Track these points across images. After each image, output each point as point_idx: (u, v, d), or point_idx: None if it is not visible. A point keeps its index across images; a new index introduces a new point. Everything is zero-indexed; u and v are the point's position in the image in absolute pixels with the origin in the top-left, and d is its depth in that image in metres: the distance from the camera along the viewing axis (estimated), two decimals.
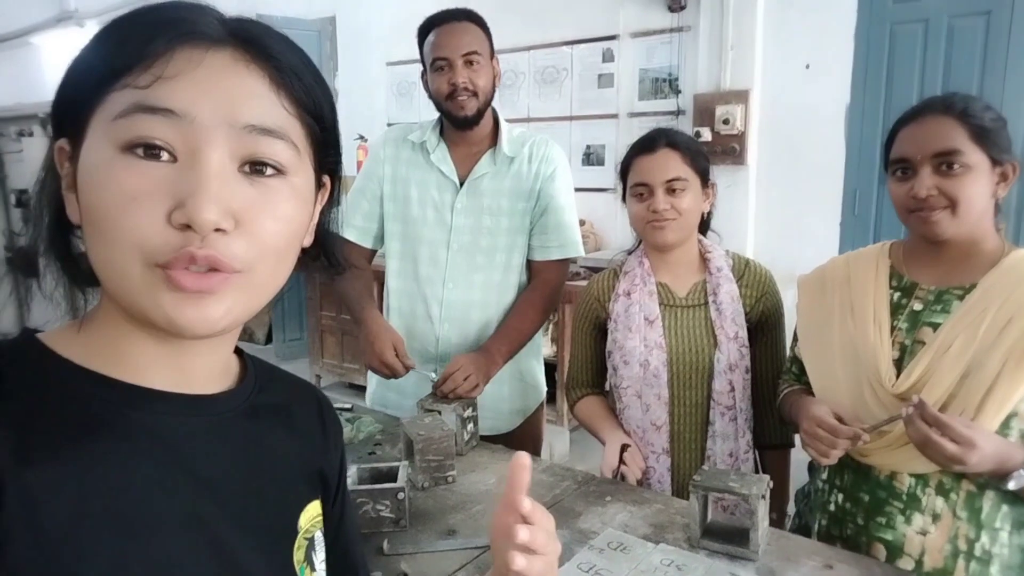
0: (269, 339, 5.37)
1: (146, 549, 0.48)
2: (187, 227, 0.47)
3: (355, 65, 4.99)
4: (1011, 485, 1.03)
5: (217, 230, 0.47)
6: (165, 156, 0.48)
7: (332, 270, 0.65)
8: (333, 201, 0.62)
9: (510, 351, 1.69)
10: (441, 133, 1.74)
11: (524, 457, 0.61)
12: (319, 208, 0.60)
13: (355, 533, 0.74)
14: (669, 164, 1.44)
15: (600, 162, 3.98)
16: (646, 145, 1.47)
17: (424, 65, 1.69)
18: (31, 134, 6.77)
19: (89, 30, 6.81)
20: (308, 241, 0.59)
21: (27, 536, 0.44)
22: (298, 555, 0.59)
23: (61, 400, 0.49)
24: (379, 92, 4.88)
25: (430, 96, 1.70)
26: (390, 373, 1.63)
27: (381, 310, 1.81)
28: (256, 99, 0.50)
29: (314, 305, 4.58)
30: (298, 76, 0.53)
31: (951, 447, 0.99)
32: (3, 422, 0.46)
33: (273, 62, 0.51)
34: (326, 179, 0.60)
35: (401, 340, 1.65)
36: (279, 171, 0.52)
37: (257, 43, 0.51)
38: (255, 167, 0.50)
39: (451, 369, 1.59)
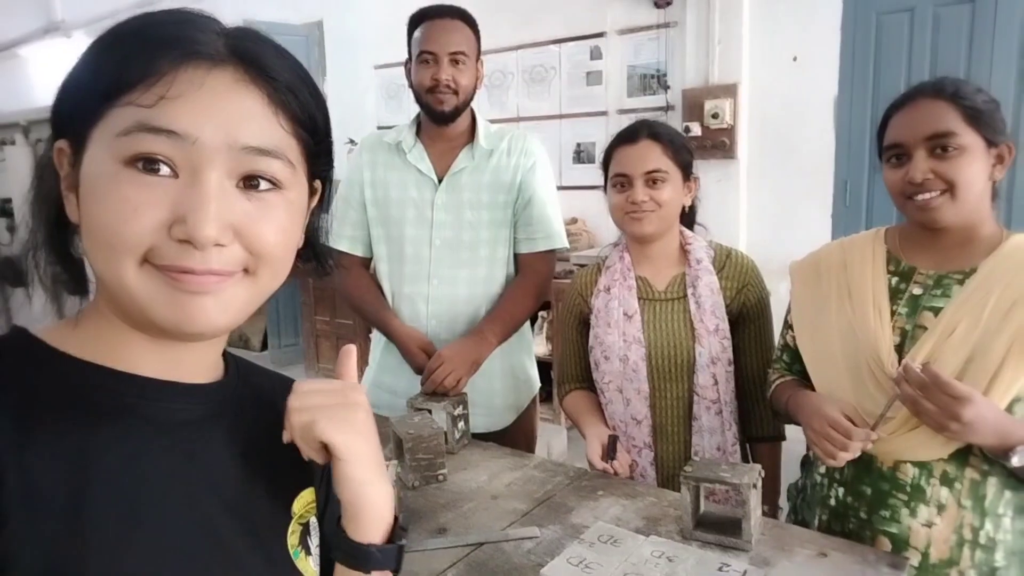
0: (264, 345, 5.35)
1: (147, 529, 0.50)
2: (186, 242, 0.49)
3: (344, 69, 4.99)
4: (1015, 461, 1.01)
5: (216, 245, 0.50)
6: (166, 171, 0.50)
7: (321, 271, 0.67)
8: (324, 204, 0.65)
9: (503, 333, 1.69)
10: (418, 132, 1.74)
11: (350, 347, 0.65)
12: (310, 211, 0.62)
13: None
14: (649, 155, 1.43)
15: (591, 160, 3.97)
16: (628, 136, 1.47)
17: (410, 54, 1.70)
18: (13, 143, 6.75)
19: (76, 40, 6.80)
20: (299, 243, 0.61)
21: (26, 515, 0.45)
22: (292, 539, 0.61)
23: (58, 388, 0.51)
24: (368, 95, 4.88)
25: (411, 86, 1.70)
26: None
27: None
28: (255, 120, 0.52)
29: (309, 310, 4.57)
30: (295, 94, 0.54)
31: (945, 399, 0.98)
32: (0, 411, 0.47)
33: (272, 82, 0.53)
34: (317, 183, 0.62)
35: (427, 341, 1.67)
36: (275, 185, 0.54)
37: (257, 62, 0.53)
38: (251, 182, 0.53)
39: (432, 365, 1.58)
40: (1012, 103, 2.87)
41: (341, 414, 0.57)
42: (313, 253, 0.65)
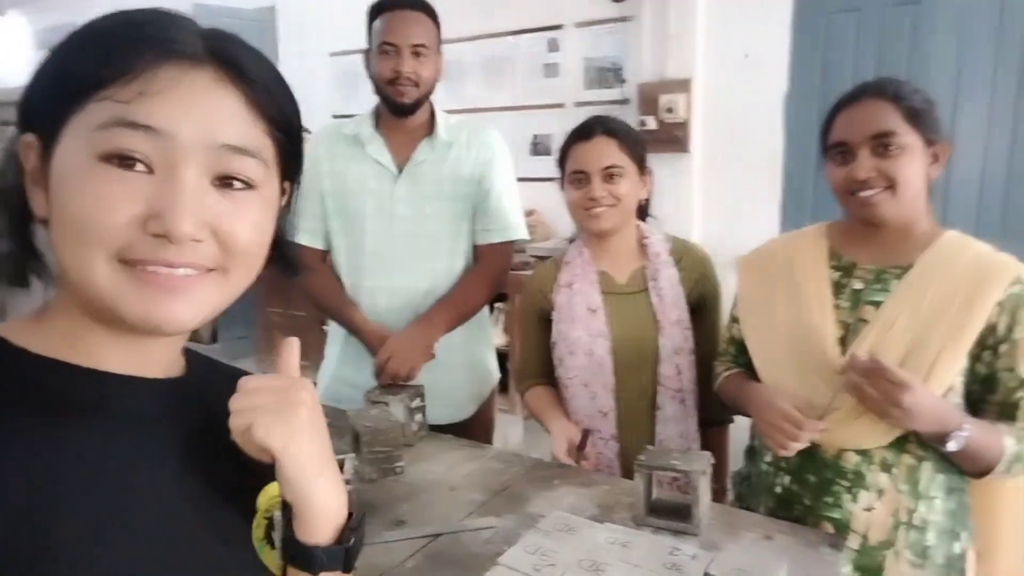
0: (215, 337, 5.23)
1: (113, 524, 0.50)
2: (161, 236, 0.49)
3: (297, 56, 4.87)
4: (951, 446, 1.07)
5: (192, 240, 0.51)
6: (141, 167, 0.50)
7: (288, 271, 0.68)
8: (290, 205, 0.66)
9: (451, 319, 1.69)
10: (376, 124, 1.73)
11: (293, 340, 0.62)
12: (278, 211, 0.63)
13: None
14: (605, 151, 1.45)
15: (547, 152, 3.99)
16: (583, 133, 1.48)
17: (370, 44, 1.68)
18: None
19: (11, 19, 6.49)
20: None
21: None
22: (257, 533, 0.61)
23: (19, 385, 0.51)
24: (322, 84, 4.79)
25: (370, 76, 1.69)
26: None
27: None
28: (232, 119, 0.53)
29: (261, 302, 4.48)
30: (271, 95, 0.56)
31: (887, 385, 1.04)
32: None
33: (250, 83, 0.54)
34: (286, 185, 0.63)
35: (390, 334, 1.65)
36: (249, 185, 0.55)
37: (235, 63, 0.53)
38: (226, 180, 0.53)
39: (382, 359, 1.57)
40: (950, 103, 2.99)
41: (281, 416, 0.55)
42: (281, 253, 0.65)
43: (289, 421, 0.55)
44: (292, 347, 0.62)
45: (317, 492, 0.56)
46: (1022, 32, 2.88)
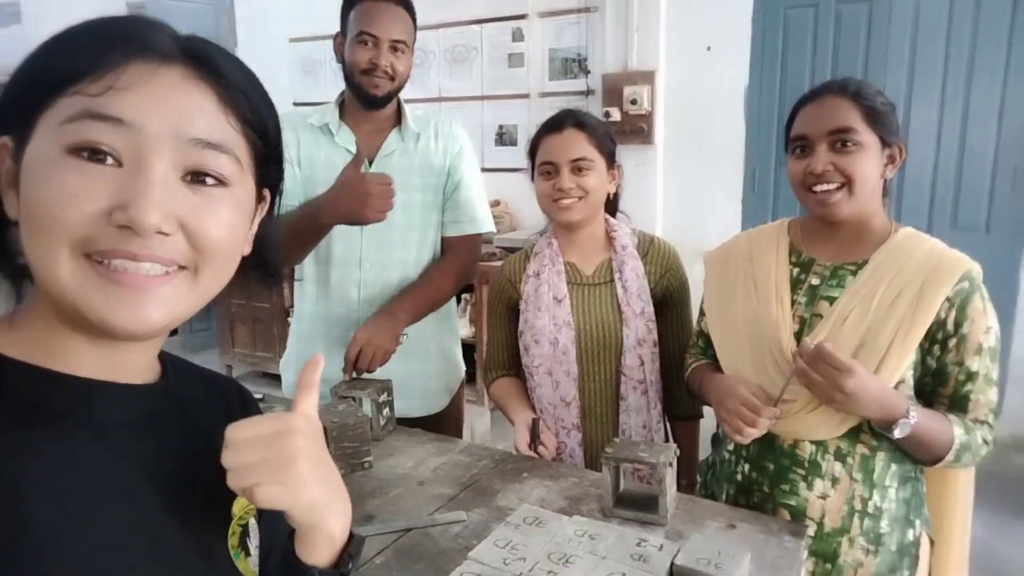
0: (174, 330, 5.12)
1: (85, 532, 0.50)
2: (126, 228, 0.48)
3: (255, 42, 4.77)
4: (897, 432, 1.11)
5: (159, 233, 0.49)
6: (110, 161, 0.49)
7: (268, 280, 0.67)
8: (273, 213, 0.65)
9: (415, 311, 1.68)
10: (342, 115, 1.71)
11: (319, 356, 0.59)
12: (258, 219, 0.62)
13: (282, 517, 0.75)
14: (575, 144, 1.47)
15: (513, 142, 3.99)
16: (553, 125, 1.50)
17: (344, 32, 1.65)
18: None
19: None
20: (247, 250, 0.61)
21: None
22: (232, 540, 0.61)
23: None
24: (282, 71, 4.69)
25: (340, 62, 1.67)
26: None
27: (292, 299, 1.76)
28: (203, 115, 0.52)
29: (222, 292, 4.39)
30: (245, 95, 0.55)
31: (831, 371, 1.07)
32: None
33: (222, 81, 0.54)
34: (267, 192, 0.63)
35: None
36: (221, 182, 0.54)
37: (208, 62, 0.53)
38: (197, 177, 0.52)
39: (352, 352, 1.56)
40: (903, 99, 3.08)
41: (278, 475, 0.52)
42: (262, 261, 0.64)
43: (288, 479, 0.52)
44: (316, 367, 0.59)
45: (324, 523, 0.56)
46: (971, 27, 2.98)
